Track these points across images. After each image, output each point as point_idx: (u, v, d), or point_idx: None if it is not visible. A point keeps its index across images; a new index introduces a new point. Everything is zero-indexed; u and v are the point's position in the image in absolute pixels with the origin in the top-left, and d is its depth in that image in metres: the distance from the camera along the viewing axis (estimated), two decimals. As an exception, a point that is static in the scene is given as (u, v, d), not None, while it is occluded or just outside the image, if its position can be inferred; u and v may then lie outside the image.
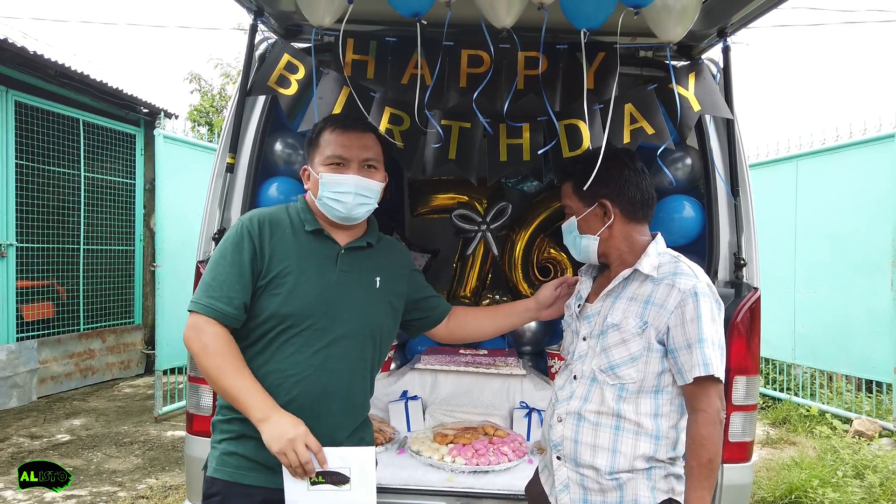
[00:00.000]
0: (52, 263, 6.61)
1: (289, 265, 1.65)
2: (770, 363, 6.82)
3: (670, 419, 1.64)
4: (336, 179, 1.69)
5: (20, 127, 6.17)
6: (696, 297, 1.56)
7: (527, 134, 2.47)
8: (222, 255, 1.65)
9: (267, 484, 1.60)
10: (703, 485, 1.53)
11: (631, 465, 1.60)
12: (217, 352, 1.57)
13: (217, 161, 2.47)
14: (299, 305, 1.62)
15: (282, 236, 1.68)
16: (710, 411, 1.55)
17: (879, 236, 5.46)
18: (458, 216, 3.83)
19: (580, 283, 1.88)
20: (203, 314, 1.59)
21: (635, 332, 1.61)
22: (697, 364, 1.53)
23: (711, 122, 2.52)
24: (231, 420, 1.65)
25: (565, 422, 1.68)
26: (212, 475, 1.64)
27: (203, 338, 1.58)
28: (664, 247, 1.75)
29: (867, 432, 5.31)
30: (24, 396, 6.11)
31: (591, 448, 1.63)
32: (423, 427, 2.87)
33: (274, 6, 2.35)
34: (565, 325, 1.88)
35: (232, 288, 1.61)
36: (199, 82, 11.93)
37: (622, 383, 1.62)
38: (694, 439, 1.55)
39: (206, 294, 1.61)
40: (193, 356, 1.62)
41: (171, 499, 3.91)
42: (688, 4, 1.92)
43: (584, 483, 1.64)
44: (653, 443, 1.61)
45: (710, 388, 1.55)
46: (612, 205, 1.71)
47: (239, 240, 1.65)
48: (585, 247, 1.75)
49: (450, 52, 2.40)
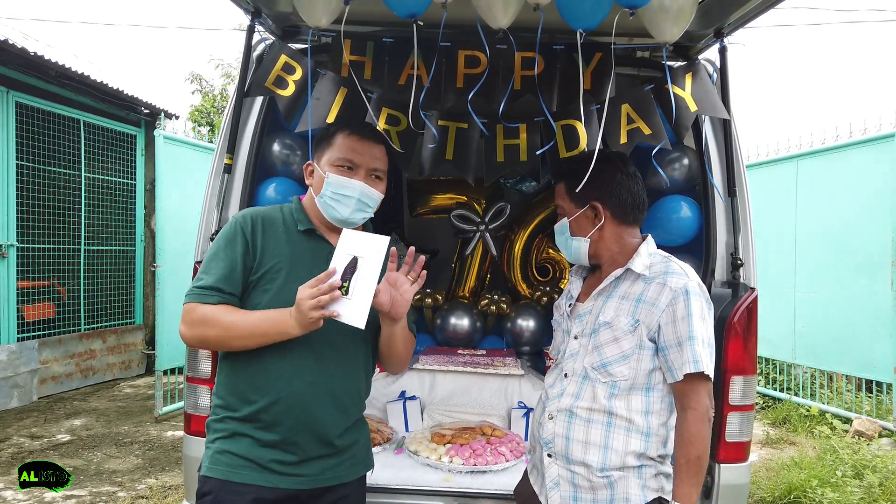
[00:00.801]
0: (52, 264, 6.63)
1: (279, 262, 1.66)
2: (770, 363, 6.82)
3: (661, 416, 1.65)
4: (342, 182, 1.70)
5: (21, 127, 6.19)
6: (687, 296, 1.59)
7: (524, 134, 2.48)
8: (215, 252, 1.67)
9: (259, 482, 1.60)
10: (691, 481, 1.56)
11: (622, 461, 1.61)
12: (220, 313, 1.59)
13: (215, 161, 2.48)
14: (288, 302, 1.60)
15: (274, 233, 1.70)
16: (699, 409, 1.57)
17: (880, 236, 5.46)
18: (457, 216, 3.84)
19: (570, 284, 1.90)
20: (192, 302, 1.61)
21: (627, 330, 1.63)
22: (688, 361, 1.56)
23: (708, 123, 2.52)
24: (224, 419, 1.65)
25: (556, 419, 1.69)
26: (205, 474, 1.64)
27: (198, 314, 1.59)
28: (654, 247, 1.77)
29: (867, 432, 5.31)
30: (24, 396, 6.13)
31: (582, 444, 1.64)
32: (421, 427, 2.87)
33: (271, 7, 2.36)
34: (556, 325, 1.90)
35: (223, 280, 1.62)
36: (200, 83, 11.94)
37: (614, 381, 1.64)
38: (683, 436, 1.58)
39: (197, 286, 1.63)
40: (197, 338, 1.63)
41: (170, 499, 3.92)
42: (684, 5, 1.92)
43: (574, 480, 1.65)
44: (643, 439, 1.62)
45: (700, 385, 1.58)
46: (603, 207, 1.73)
47: (232, 235, 1.67)
48: (576, 248, 1.77)
49: (446, 53, 2.40)
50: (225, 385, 1.67)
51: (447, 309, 3.78)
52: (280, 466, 1.61)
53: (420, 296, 3.84)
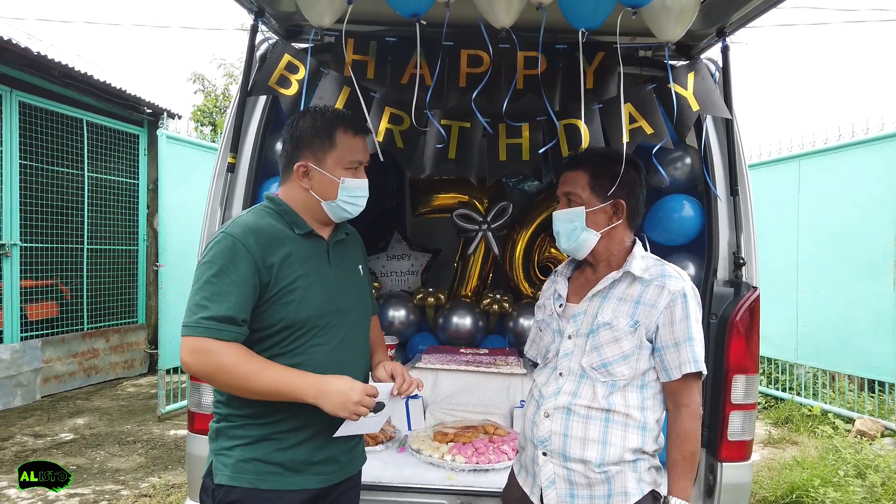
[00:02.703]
0: (55, 263, 6.64)
1: (295, 272, 1.61)
2: (772, 363, 6.81)
3: (655, 413, 1.70)
4: (358, 184, 1.71)
5: (24, 127, 6.20)
6: (685, 299, 1.64)
7: (526, 133, 2.48)
8: (216, 274, 1.53)
9: (286, 486, 1.59)
10: (687, 476, 1.63)
11: (620, 456, 1.63)
12: (238, 361, 1.49)
13: (218, 161, 2.48)
14: (314, 308, 1.62)
15: (280, 245, 1.61)
16: (693, 406, 1.65)
17: (882, 236, 5.45)
18: (460, 216, 3.85)
19: (554, 283, 1.89)
20: (203, 336, 1.48)
21: (628, 331, 1.65)
22: (688, 361, 1.61)
23: (710, 122, 2.52)
24: (244, 425, 1.60)
25: (553, 417, 1.69)
26: (228, 483, 1.57)
27: (213, 358, 1.48)
28: (643, 250, 1.81)
29: (869, 432, 5.30)
30: (27, 395, 6.15)
31: (580, 441, 1.65)
32: (424, 426, 2.88)
33: (274, 7, 2.37)
34: (543, 325, 1.89)
35: (236, 308, 1.51)
36: (203, 83, 11.98)
37: (614, 380, 1.66)
38: (678, 433, 1.64)
39: (202, 315, 1.49)
40: (206, 378, 1.54)
41: (173, 497, 3.93)
42: (686, 4, 1.93)
43: (570, 478, 1.66)
44: (641, 434, 1.66)
45: (694, 384, 1.65)
46: (625, 207, 1.75)
47: (232, 255, 1.54)
48: (584, 240, 1.75)
49: (449, 53, 2.41)
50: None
51: (449, 308, 3.78)
52: (306, 467, 1.62)
53: (423, 295, 3.85)
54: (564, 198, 1.79)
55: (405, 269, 4.19)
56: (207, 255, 1.57)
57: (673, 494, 1.62)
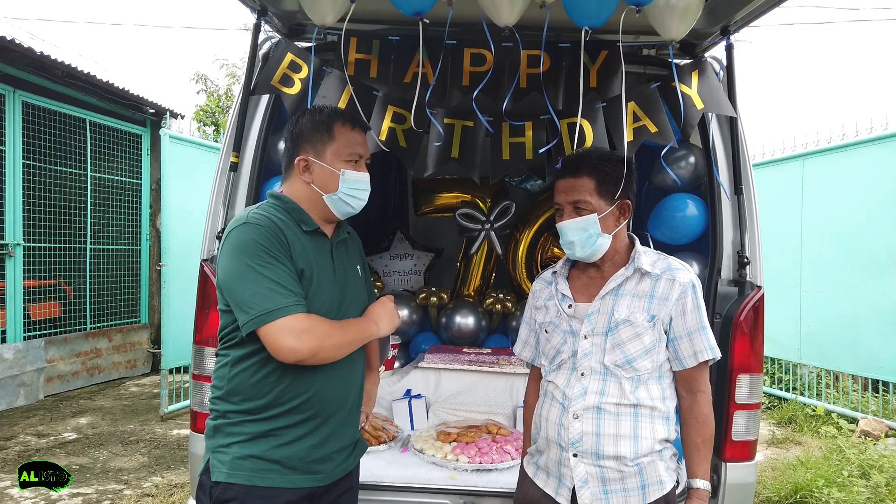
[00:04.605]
0: (58, 263, 6.65)
1: (306, 267, 1.62)
2: (776, 363, 6.79)
3: (673, 401, 1.76)
4: (359, 177, 1.71)
5: (27, 127, 6.21)
6: (694, 290, 1.72)
7: (529, 132, 2.47)
8: (265, 260, 1.52)
9: (284, 484, 1.58)
10: (708, 457, 1.73)
11: (651, 448, 1.68)
12: (327, 324, 1.58)
13: (221, 160, 2.48)
14: (321, 304, 1.62)
15: (293, 239, 1.61)
16: (707, 391, 1.75)
17: (886, 235, 5.43)
18: (462, 215, 3.84)
19: (556, 285, 1.86)
20: (288, 315, 1.49)
21: (647, 326, 1.69)
22: (703, 349, 1.69)
23: (715, 120, 2.52)
24: (243, 422, 1.59)
25: (583, 418, 1.69)
26: (225, 480, 1.56)
27: (315, 330, 1.52)
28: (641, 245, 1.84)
29: (873, 432, 5.28)
30: (31, 395, 6.16)
31: (613, 438, 1.67)
32: (427, 425, 2.88)
33: (277, 5, 2.36)
34: (549, 328, 1.83)
35: (295, 282, 1.55)
36: (206, 82, 12.00)
37: (638, 374, 1.70)
38: (698, 418, 1.72)
39: (272, 299, 1.49)
40: (313, 353, 1.52)
41: (176, 497, 3.93)
42: (690, 2, 1.92)
43: (603, 475, 1.67)
44: (666, 424, 1.72)
45: (706, 370, 1.75)
46: (630, 206, 1.78)
47: (268, 239, 1.55)
48: (600, 245, 1.74)
49: (452, 51, 2.40)
50: (244, 390, 1.59)
51: (452, 308, 3.78)
52: (303, 465, 1.61)
53: (425, 294, 3.85)
54: (571, 206, 1.75)
55: (408, 268, 4.19)
56: (242, 245, 1.54)
57: (699, 477, 1.71)
